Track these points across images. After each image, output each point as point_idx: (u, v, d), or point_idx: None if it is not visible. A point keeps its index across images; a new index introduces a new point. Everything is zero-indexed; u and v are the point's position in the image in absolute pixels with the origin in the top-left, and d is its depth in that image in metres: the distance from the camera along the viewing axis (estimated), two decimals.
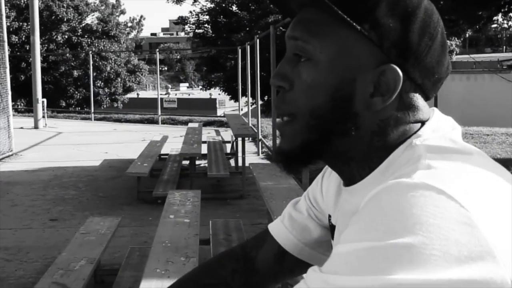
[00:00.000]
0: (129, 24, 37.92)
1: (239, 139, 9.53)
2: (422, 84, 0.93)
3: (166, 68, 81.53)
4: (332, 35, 0.92)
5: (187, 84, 79.19)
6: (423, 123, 0.96)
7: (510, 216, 0.77)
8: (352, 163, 0.96)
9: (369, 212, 0.79)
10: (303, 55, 0.94)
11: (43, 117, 17.81)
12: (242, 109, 18.35)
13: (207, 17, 32.90)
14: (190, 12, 33.77)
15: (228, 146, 12.35)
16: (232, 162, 10.80)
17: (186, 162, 10.00)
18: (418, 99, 0.94)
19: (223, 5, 31.50)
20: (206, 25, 33.10)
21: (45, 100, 17.87)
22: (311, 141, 0.95)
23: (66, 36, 32.08)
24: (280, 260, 1.23)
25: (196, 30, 33.70)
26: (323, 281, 0.78)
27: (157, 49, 23.30)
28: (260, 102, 13.34)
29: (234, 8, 31.68)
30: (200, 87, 44.13)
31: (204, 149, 9.78)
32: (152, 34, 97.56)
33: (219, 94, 41.41)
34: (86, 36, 32.84)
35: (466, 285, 0.72)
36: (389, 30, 0.90)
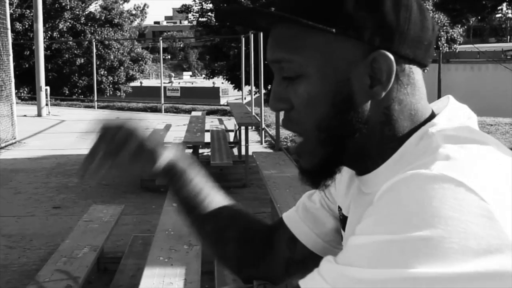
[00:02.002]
0: (133, 12, 37.86)
1: (242, 128, 9.52)
2: (415, 57, 0.92)
3: (169, 57, 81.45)
4: (311, 45, 0.91)
5: (190, 73, 79.06)
6: (432, 113, 0.95)
7: None
8: (367, 159, 0.95)
9: (386, 203, 0.78)
10: (292, 75, 0.93)
11: (46, 105, 17.79)
12: (245, 98, 18.33)
13: (211, 5, 32.84)
14: (194, 0, 33.71)
15: (231, 135, 12.34)
16: (235, 151, 10.80)
17: (189, 151, 10.00)
18: (414, 74, 0.93)
19: None
20: (209, 13, 33.04)
21: (48, 88, 17.85)
22: (328, 154, 0.94)
23: (70, 24, 32.03)
24: (292, 247, 1.21)
25: (200, 19, 33.66)
26: (338, 273, 0.77)
27: (160, 38, 23.30)
28: (263, 91, 13.32)
29: None
30: (203, 75, 44.08)
31: (207, 137, 9.79)
32: (155, 23, 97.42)
33: (222, 83, 41.38)
34: (89, 24, 32.79)
35: (484, 278, 0.71)
36: (364, 20, 0.88)
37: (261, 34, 12.07)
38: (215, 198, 1.24)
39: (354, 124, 0.91)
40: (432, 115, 0.95)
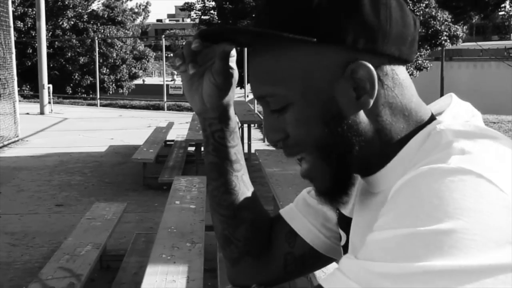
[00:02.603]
0: (136, 10, 37.83)
1: (245, 125, 9.52)
2: (401, 54, 0.91)
3: (171, 55, 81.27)
4: (289, 73, 0.91)
5: None
6: (432, 115, 0.95)
7: None
8: (371, 165, 0.95)
9: (405, 198, 0.78)
10: (278, 107, 0.93)
11: (49, 103, 17.81)
12: (247, 96, 18.31)
13: (213, 3, 32.83)
14: None
15: None
16: None
17: (191, 149, 10.01)
18: (398, 74, 0.92)
19: None
20: (212, 11, 33.04)
21: (51, 86, 17.86)
22: (336, 170, 0.94)
23: (72, 22, 32.03)
24: (291, 241, 1.19)
25: (202, 17, 33.64)
26: (360, 268, 0.76)
27: (163, 36, 23.24)
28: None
29: None
30: None
31: None
32: (158, 20, 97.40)
33: None
34: (92, 22, 32.78)
35: (506, 270, 0.71)
36: (344, 24, 0.88)
37: None
38: (245, 175, 1.20)
39: (350, 139, 0.91)
40: (433, 115, 0.95)
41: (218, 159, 1.16)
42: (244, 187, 1.19)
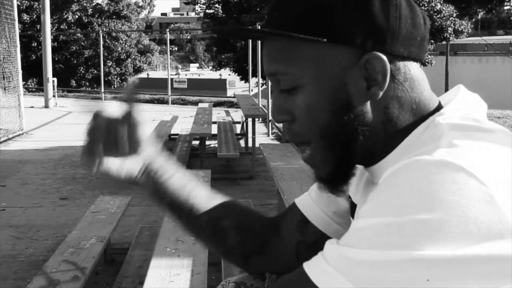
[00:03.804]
0: (140, 4, 37.82)
1: (249, 119, 9.51)
2: (410, 54, 0.93)
3: (176, 49, 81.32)
4: (303, 55, 0.92)
5: (197, 65, 78.91)
6: (439, 104, 0.96)
7: None
8: (375, 156, 0.96)
9: (386, 188, 0.80)
10: (288, 87, 0.94)
11: (54, 96, 17.80)
12: (252, 90, 18.31)
13: None
14: None
15: (238, 126, 12.33)
16: (242, 142, 10.80)
17: (196, 143, 10.00)
18: (410, 70, 0.94)
19: None
20: (216, 5, 33.00)
21: (55, 79, 17.85)
22: (339, 159, 0.95)
23: (77, 16, 32.05)
24: (303, 229, 1.20)
25: (207, 10, 33.60)
26: (338, 253, 0.79)
27: (168, 29, 23.20)
28: (270, 83, 13.30)
29: None
30: (210, 67, 43.98)
31: (214, 129, 9.79)
32: (162, 14, 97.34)
33: (229, 74, 41.31)
34: (96, 16, 32.81)
35: (484, 262, 0.72)
36: (354, 25, 0.89)
37: None
38: (201, 192, 1.21)
39: (356, 128, 0.92)
40: (439, 106, 0.96)
41: (170, 207, 1.22)
42: (207, 202, 1.21)
